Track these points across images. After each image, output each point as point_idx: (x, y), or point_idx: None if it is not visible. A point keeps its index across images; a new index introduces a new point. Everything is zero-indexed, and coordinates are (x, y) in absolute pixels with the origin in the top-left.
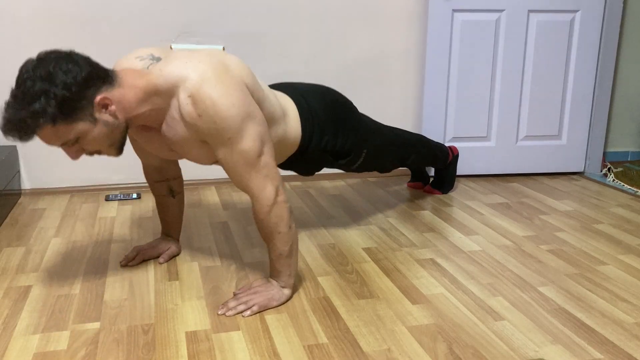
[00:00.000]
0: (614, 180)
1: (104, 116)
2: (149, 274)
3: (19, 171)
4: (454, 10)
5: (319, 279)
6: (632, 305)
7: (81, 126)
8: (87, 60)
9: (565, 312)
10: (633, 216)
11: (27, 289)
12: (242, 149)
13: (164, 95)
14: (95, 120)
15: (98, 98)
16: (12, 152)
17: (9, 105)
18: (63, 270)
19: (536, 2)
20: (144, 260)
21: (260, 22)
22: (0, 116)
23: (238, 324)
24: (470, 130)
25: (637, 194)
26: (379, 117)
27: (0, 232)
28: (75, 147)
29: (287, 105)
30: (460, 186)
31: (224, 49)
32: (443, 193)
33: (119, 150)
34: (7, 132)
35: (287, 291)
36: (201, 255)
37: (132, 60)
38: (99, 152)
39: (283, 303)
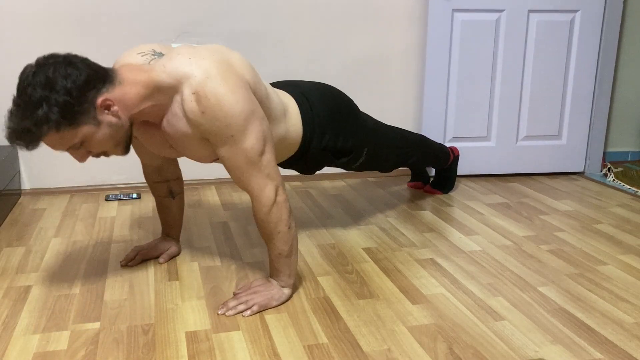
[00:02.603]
0: (614, 180)
1: (107, 117)
2: (149, 274)
3: (19, 171)
4: (454, 10)
5: (319, 279)
6: (632, 305)
7: (85, 129)
8: (85, 62)
9: (565, 312)
10: (633, 216)
11: (27, 289)
12: (244, 147)
13: (166, 91)
14: (98, 123)
15: (100, 100)
16: (12, 152)
17: (12, 115)
18: (63, 270)
19: (536, 2)
20: (144, 260)
21: (261, 22)
22: (5, 125)
23: (238, 324)
24: (470, 130)
25: (637, 194)
26: (379, 116)
27: (0, 232)
28: (81, 151)
29: (289, 104)
30: (460, 186)
31: None
32: (443, 193)
33: (125, 149)
34: (12, 141)
35: (287, 291)
36: (201, 255)
37: (134, 56)
38: (106, 154)
39: (283, 303)
